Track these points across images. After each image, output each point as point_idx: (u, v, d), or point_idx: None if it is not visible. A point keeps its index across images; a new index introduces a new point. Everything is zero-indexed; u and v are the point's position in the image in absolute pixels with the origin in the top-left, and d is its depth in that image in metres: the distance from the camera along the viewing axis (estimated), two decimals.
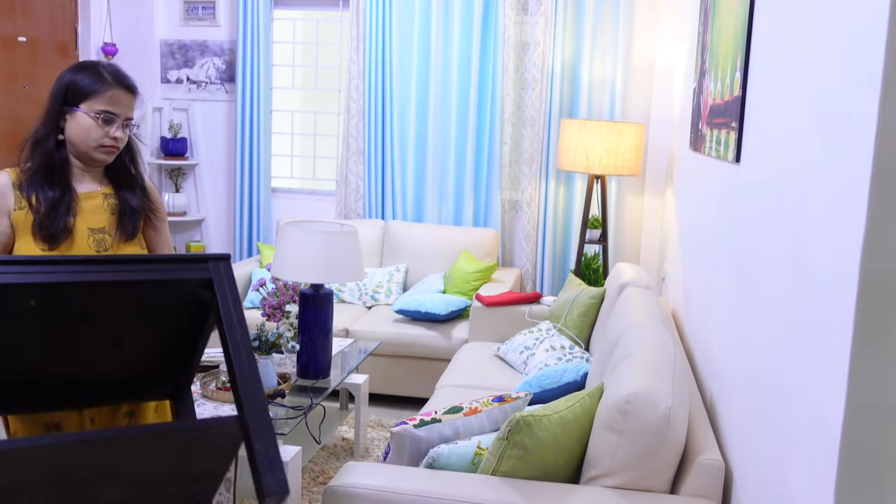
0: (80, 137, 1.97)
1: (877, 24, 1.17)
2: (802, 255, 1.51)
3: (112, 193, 2.06)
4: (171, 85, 5.42)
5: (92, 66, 1.98)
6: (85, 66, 1.98)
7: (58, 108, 1.97)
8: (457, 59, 4.89)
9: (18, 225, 1.94)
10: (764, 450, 1.70)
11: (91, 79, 1.95)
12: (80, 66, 1.99)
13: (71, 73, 1.97)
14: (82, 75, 1.96)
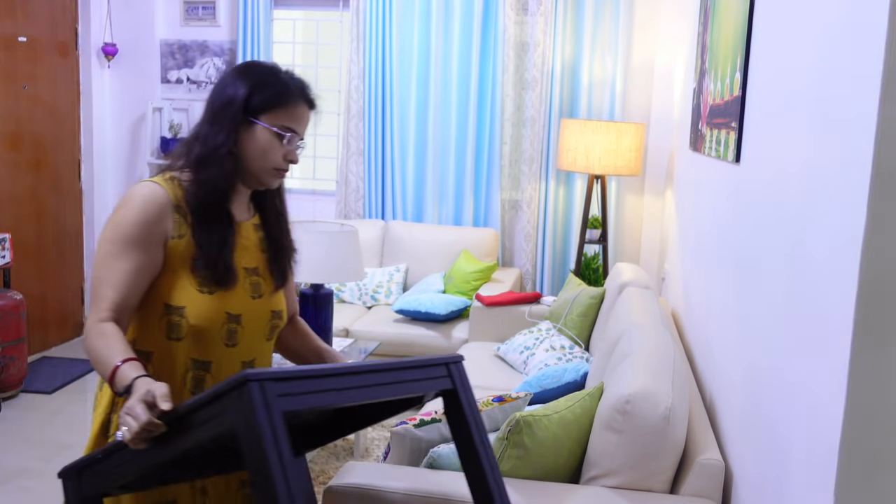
0: (255, 155, 1.61)
1: (877, 24, 1.17)
2: (802, 254, 1.51)
3: (259, 225, 1.73)
4: (171, 85, 5.42)
5: (273, 71, 1.68)
6: (267, 71, 1.67)
7: (236, 116, 1.60)
8: (457, 59, 4.89)
9: (174, 256, 1.57)
10: (764, 450, 1.70)
11: (277, 87, 1.64)
12: (259, 69, 1.67)
13: (250, 77, 1.64)
14: (266, 82, 1.64)
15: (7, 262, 4.35)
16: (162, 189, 1.57)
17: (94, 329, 1.49)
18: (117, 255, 1.53)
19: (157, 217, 1.55)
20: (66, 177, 5.23)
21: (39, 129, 4.97)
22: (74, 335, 5.41)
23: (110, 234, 1.54)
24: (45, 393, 4.36)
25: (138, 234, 1.54)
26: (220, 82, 1.65)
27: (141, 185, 1.58)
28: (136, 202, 1.55)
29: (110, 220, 1.56)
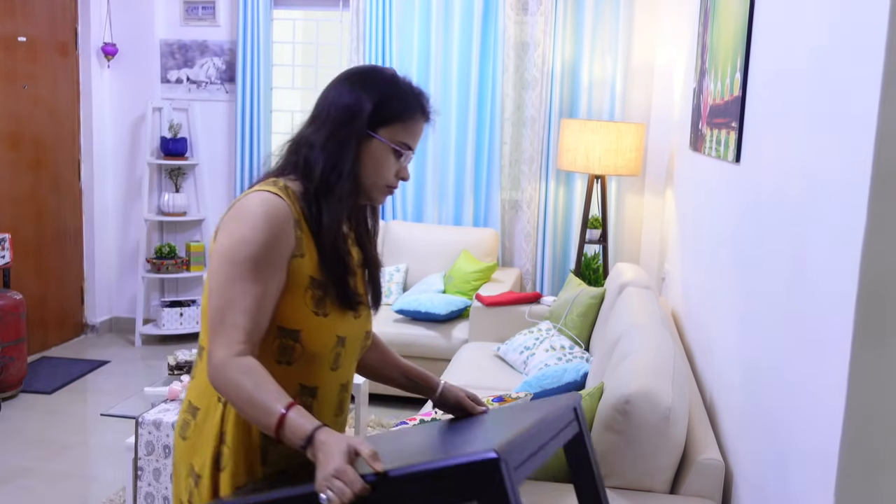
0: (369, 171, 1.51)
1: (877, 24, 1.17)
2: (802, 254, 1.51)
3: (355, 241, 1.64)
4: (171, 85, 5.42)
5: (395, 82, 1.54)
6: (390, 82, 1.53)
7: (359, 131, 1.49)
8: (457, 59, 4.89)
9: (293, 276, 1.45)
10: (764, 450, 1.70)
11: (401, 102, 1.52)
12: (382, 79, 1.53)
13: (374, 89, 1.50)
14: (391, 95, 1.51)
15: (7, 262, 4.35)
16: (284, 203, 1.44)
17: (234, 365, 1.34)
18: (246, 278, 1.38)
19: (283, 234, 1.43)
20: (66, 177, 5.23)
21: (39, 129, 4.97)
22: (74, 335, 5.41)
23: (235, 255, 1.39)
24: (45, 393, 4.36)
25: (267, 255, 1.40)
26: (338, 89, 1.52)
27: (260, 196, 1.43)
28: (260, 217, 1.40)
29: (229, 237, 1.41)
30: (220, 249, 1.41)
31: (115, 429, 3.89)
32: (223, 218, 1.46)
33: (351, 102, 1.49)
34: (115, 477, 3.44)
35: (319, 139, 1.50)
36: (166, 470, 2.73)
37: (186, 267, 5.37)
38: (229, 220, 1.43)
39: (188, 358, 3.25)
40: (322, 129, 1.51)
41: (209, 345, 1.38)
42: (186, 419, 1.52)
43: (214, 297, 1.40)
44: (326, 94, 1.54)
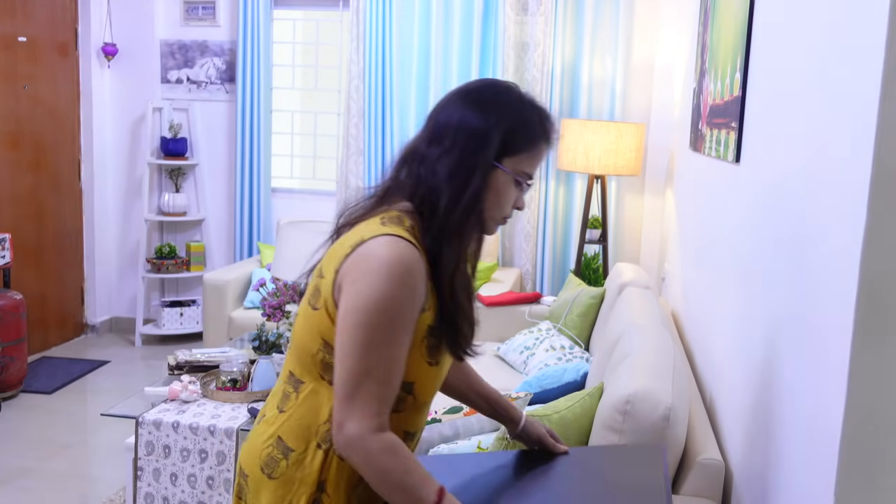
0: (491, 203, 1.41)
1: (877, 23, 1.17)
2: (802, 254, 1.51)
3: None
4: (171, 85, 5.42)
5: (523, 104, 1.42)
6: (518, 105, 1.42)
7: (488, 161, 1.38)
8: (457, 59, 4.89)
9: (417, 329, 1.36)
10: (764, 450, 1.70)
11: (531, 130, 1.41)
12: (510, 101, 1.41)
13: (504, 114, 1.39)
14: (521, 122, 1.40)
15: (7, 262, 4.35)
16: (417, 253, 1.32)
17: (377, 443, 1.28)
18: (384, 343, 1.29)
19: (419, 291, 1.32)
20: (66, 177, 5.23)
21: (39, 129, 4.97)
22: (74, 335, 5.41)
23: (372, 318, 1.28)
24: (45, 393, 4.36)
25: (406, 316, 1.30)
26: (465, 110, 1.40)
27: (394, 247, 1.31)
28: (400, 274, 1.29)
29: (365, 294, 1.29)
30: (354, 308, 1.29)
31: (115, 429, 3.89)
32: (348, 267, 1.33)
33: (480, 128, 1.37)
34: (115, 477, 3.44)
35: (445, 168, 1.37)
36: (166, 470, 2.73)
37: (186, 267, 5.37)
38: (361, 271, 1.31)
39: (188, 358, 3.25)
40: (447, 155, 1.37)
41: (340, 413, 1.29)
42: (274, 456, 1.41)
43: (349, 361, 1.29)
44: (450, 113, 1.41)
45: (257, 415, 1.56)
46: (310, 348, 1.39)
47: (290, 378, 1.44)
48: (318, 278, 1.40)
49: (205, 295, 4.56)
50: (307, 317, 1.40)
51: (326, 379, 1.38)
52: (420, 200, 1.39)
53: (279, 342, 3.24)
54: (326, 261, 1.40)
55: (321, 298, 1.38)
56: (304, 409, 1.40)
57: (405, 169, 1.43)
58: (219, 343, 4.53)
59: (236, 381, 2.93)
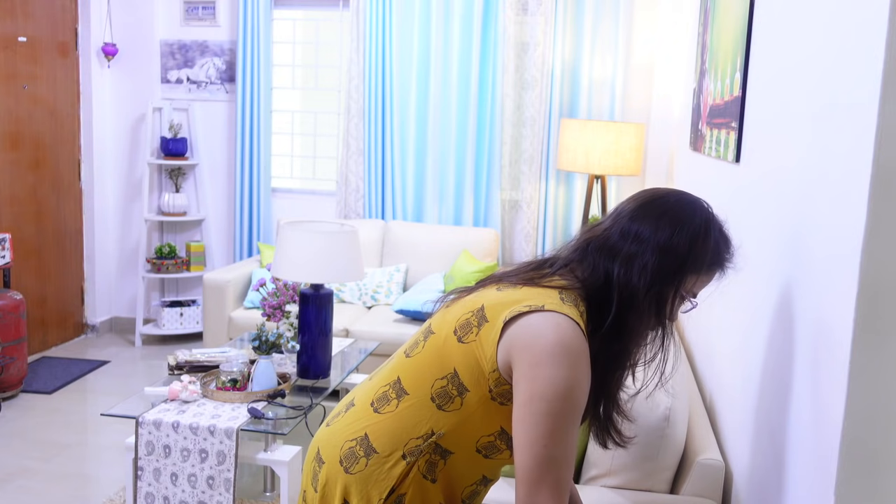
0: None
1: (877, 23, 1.17)
2: (802, 254, 1.51)
3: None
4: (171, 85, 5.42)
5: (717, 237, 1.44)
6: (714, 237, 1.43)
7: (676, 284, 1.42)
8: (457, 59, 4.89)
9: None
10: (764, 450, 1.70)
11: (716, 259, 1.44)
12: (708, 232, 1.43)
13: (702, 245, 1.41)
14: (711, 251, 1.43)
15: (7, 262, 4.35)
16: (579, 330, 1.35)
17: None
18: (570, 430, 1.32)
19: (589, 369, 1.36)
20: (66, 177, 5.23)
21: (39, 129, 4.97)
22: (74, 335, 5.41)
23: (556, 406, 1.31)
24: (45, 393, 4.36)
25: (582, 401, 1.34)
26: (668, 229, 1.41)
27: (574, 333, 1.34)
28: (580, 362, 1.33)
29: (546, 380, 1.31)
30: (542, 397, 1.31)
31: (115, 429, 3.89)
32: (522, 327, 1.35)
33: (678, 245, 1.40)
34: (115, 477, 3.44)
35: (641, 284, 1.39)
36: (166, 470, 2.73)
37: (186, 267, 5.37)
38: (542, 353, 1.32)
39: (188, 358, 3.25)
40: (644, 273, 1.39)
41: (528, 497, 1.31)
42: (356, 452, 1.45)
43: (534, 449, 1.31)
44: (646, 216, 1.43)
45: (340, 402, 1.58)
46: (436, 372, 1.42)
47: (396, 384, 1.46)
48: (474, 316, 1.41)
49: (205, 295, 4.56)
50: (448, 343, 1.43)
51: (437, 403, 1.42)
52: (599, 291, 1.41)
53: (279, 342, 3.24)
54: (494, 306, 1.41)
55: (474, 336, 1.40)
56: (401, 418, 1.44)
57: (588, 253, 1.45)
58: (219, 343, 4.53)
59: (236, 381, 2.93)
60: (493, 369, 1.37)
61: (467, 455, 1.44)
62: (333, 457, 1.47)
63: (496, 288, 1.46)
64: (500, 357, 1.36)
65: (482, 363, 1.38)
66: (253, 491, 3.32)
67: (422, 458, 1.42)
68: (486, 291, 1.46)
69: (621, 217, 1.46)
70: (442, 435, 1.41)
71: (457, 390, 1.40)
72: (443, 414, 1.41)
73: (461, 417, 1.41)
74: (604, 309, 1.41)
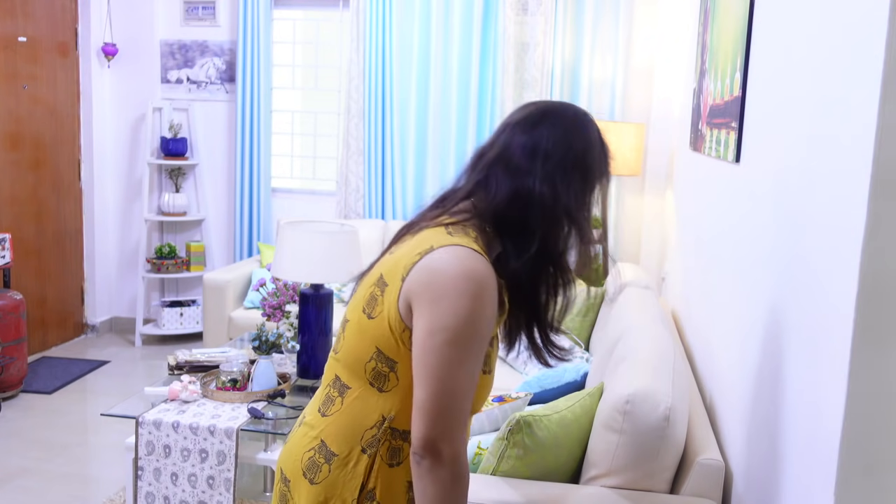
0: None
1: (877, 23, 1.17)
2: (802, 254, 1.51)
3: None
4: (171, 85, 5.42)
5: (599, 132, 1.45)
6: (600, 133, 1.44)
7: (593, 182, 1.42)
8: (457, 59, 4.89)
9: None
10: (764, 450, 1.70)
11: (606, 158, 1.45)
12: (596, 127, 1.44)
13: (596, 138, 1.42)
14: (604, 148, 1.44)
15: (7, 262, 4.35)
16: (489, 266, 1.32)
17: (466, 468, 1.31)
18: (470, 360, 1.30)
19: (495, 302, 1.32)
20: (66, 177, 5.23)
21: (39, 129, 4.97)
22: (74, 335, 5.41)
23: (454, 336, 1.27)
24: (45, 393, 4.36)
25: (486, 329, 1.31)
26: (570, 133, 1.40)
27: (469, 259, 1.30)
28: (479, 290, 1.29)
29: (443, 311, 1.28)
30: (442, 328, 1.28)
31: (115, 429, 3.89)
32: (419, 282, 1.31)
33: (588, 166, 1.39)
34: (115, 477, 3.44)
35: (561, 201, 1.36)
36: (166, 470, 2.73)
37: (186, 267, 5.37)
38: (435, 291, 1.29)
39: (188, 358, 3.25)
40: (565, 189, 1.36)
41: (431, 430, 1.28)
42: (316, 461, 1.41)
43: (433, 382, 1.28)
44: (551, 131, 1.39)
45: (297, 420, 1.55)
46: (362, 356, 1.39)
47: (336, 382, 1.43)
48: (376, 287, 1.38)
49: (205, 295, 4.56)
50: (361, 325, 1.39)
51: (376, 386, 1.38)
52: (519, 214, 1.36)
53: (279, 342, 3.24)
54: (390, 269, 1.37)
55: (380, 308, 1.36)
56: (350, 413, 1.40)
57: (492, 176, 1.39)
58: (219, 343, 4.53)
59: (236, 381, 2.93)
60: (403, 329, 1.34)
61: None
62: (296, 471, 1.44)
63: (390, 253, 1.42)
64: (402, 312, 1.33)
65: (393, 328, 1.34)
66: (253, 491, 3.32)
67: (382, 446, 1.38)
68: (382, 260, 1.42)
69: (519, 134, 1.40)
70: (393, 417, 1.38)
71: (387, 366, 1.36)
72: (386, 395, 1.38)
73: (403, 392, 1.37)
74: (517, 232, 1.36)
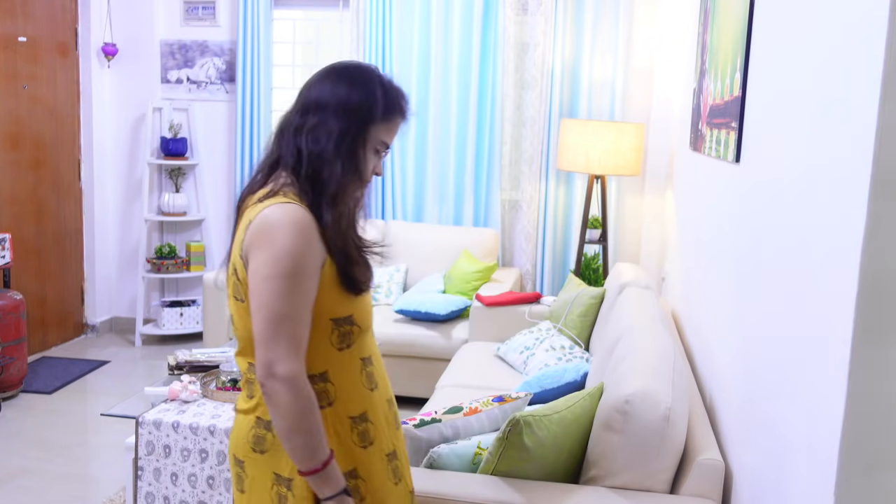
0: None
1: (877, 23, 1.17)
2: (802, 254, 1.51)
3: None
4: (171, 85, 5.42)
5: (380, 79, 1.59)
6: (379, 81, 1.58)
7: (361, 127, 1.55)
8: (457, 59, 4.89)
9: (329, 273, 1.53)
10: (764, 450, 1.70)
11: (391, 101, 1.59)
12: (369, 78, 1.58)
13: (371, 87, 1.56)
14: (382, 93, 1.57)
15: (7, 262, 4.35)
16: (301, 207, 1.48)
17: (307, 388, 1.44)
18: (293, 289, 1.43)
19: (315, 240, 1.47)
20: (66, 177, 5.23)
21: (39, 129, 4.97)
22: (74, 335, 5.41)
23: (277, 269, 1.42)
24: (45, 393, 4.36)
25: (308, 263, 1.45)
26: (335, 85, 1.55)
27: (281, 208, 1.46)
28: (291, 227, 1.44)
29: (266, 252, 1.43)
30: (260, 268, 1.43)
31: (115, 429, 3.89)
32: (250, 239, 1.46)
33: (353, 101, 1.53)
34: (115, 477, 3.44)
35: (325, 136, 1.52)
36: (166, 470, 2.73)
37: (186, 267, 5.37)
38: (260, 240, 1.45)
39: (188, 358, 3.25)
40: (325, 125, 1.52)
41: (267, 354, 1.42)
42: (260, 434, 1.54)
43: (268, 308, 1.42)
44: (322, 88, 1.56)
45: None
46: (252, 336, 1.51)
47: (250, 368, 1.57)
48: (234, 275, 1.53)
49: (205, 295, 4.55)
50: (239, 312, 1.54)
51: None
52: (304, 168, 1.52)
53: None
54: (235, 254, 1.54)
55: (244, 287, 1.51)
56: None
57: (283, 141, 1.57)
58: (219, 343, 4.53)
59: (236, 381, 2.93)
60: None
61: (334, 359, 1.54)
62: (247, 451, 1.56)
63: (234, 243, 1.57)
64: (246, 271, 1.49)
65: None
66: None
67: None
68: (232, 251, 1.56)
69: (300, 96, 1.59)
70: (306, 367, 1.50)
71: None
72: None
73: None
74: (313, 181, 1.52)
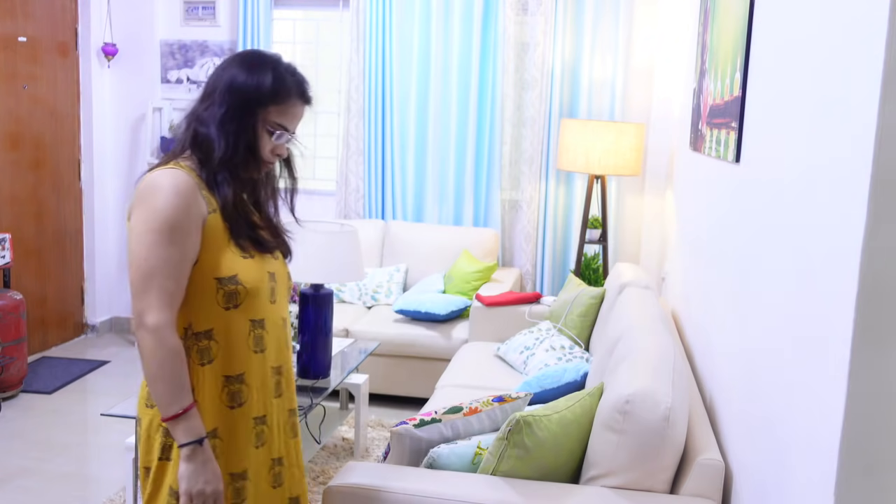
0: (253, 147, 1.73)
1: (877, 23, 1.17)
2: (802, 254, 1.51)
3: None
4: (171, 85, 5.42)
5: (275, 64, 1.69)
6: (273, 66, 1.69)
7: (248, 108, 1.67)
8: (457, 59, 4.89)
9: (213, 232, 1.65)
10: (764, 450, 1.70)
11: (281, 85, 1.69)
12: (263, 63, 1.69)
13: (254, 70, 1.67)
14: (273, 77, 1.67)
15: (7, 262, 4.35)
16: (186, 174, 1.60)
17: (173, 339, 1.55)
18: (165, 244, 1.54)
19: (192, 199, 1.58)
20: (66, 177, 5.23)
21: (39, 129, 4.97)
22: (74, 335, 5.41)
23: (151, 224, 1.54)
24: (45, 393, 4.36)
25: (182, 219, 1.56)
26: (231, 70, 1.68)
27: (161, 172, 1.60)
28: (169, 188, 1.56)
29: (144, 210, 1.56)
30: (136, 224, 1.56)
31: (115, 429, 3.89)
32: (132, 201, 1.60)
33: (241, 85, 1.65)
34: (115, 477, 3.44)
35: (213, 119, 1.66)
36: None
37: None
38: (140, 199, 1.58)
39: None
40: (215, 107, 1.66)
41: (139, 305, 1.54)
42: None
43: (140, 261, 1.54)
44: (219, 74, 1.69)
45: None
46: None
47: None
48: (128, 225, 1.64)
49: None
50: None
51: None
52: (198, 149, 1.66)
53: None
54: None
55: None
56: None
57: (184, 126, 1.71)
58: None
59: None
60: None
61: (220, 317, 1.62)
62: (142, 407, 1.68)
63: None
64: None
65: None
66: None
67: (192, 351, 1.62)
68: None
69: (204, 85, 1.73)
70: (191, 324, 1.62)
71: None
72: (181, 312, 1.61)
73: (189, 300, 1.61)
74: (207, 162, 1.65)
